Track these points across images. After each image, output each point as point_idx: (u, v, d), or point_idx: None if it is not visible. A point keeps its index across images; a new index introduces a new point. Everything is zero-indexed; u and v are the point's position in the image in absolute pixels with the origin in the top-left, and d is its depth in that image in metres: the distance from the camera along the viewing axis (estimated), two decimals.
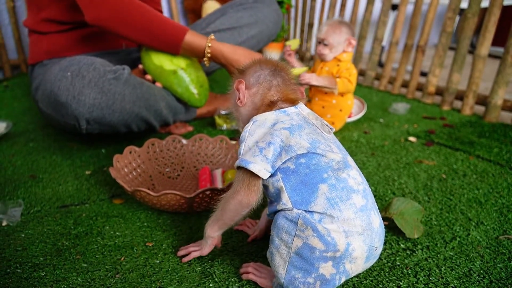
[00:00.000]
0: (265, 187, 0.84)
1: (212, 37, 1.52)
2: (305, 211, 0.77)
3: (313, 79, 1.64)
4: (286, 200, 0.79)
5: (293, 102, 0.89)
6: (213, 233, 0.94)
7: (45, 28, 1.66)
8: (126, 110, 1.43)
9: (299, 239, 0.77)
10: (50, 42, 1.67)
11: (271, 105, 0.89)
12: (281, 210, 0.80)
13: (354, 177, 0.82)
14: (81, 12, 1.53)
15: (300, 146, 0.80)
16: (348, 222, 0.77)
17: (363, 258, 0.79)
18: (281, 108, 0.88)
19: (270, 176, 0.81)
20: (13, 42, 3.03)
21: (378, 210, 0.84)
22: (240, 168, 0.83)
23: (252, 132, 0.84)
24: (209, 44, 1.48)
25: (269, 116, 0.86)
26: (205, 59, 1.54)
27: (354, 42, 1.71)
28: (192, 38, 1.51)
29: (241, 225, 1.14)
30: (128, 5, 1.45)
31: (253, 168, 0.79)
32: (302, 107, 0.90)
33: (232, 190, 0.85)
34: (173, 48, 1.53)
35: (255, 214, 0.98)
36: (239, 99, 0.91)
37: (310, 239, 0.76)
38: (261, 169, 0.79)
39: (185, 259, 0.98)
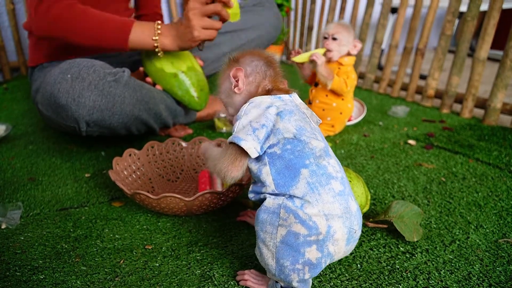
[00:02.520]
0: (248, 168, 0.88)
1: (158, 27, 1.45)
2: (288, 196, 0.81)
3: (321, 61, 1.66)
4: (270, 182, 0.83)
5: (286, 92, 0.93)
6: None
7: None
8: (126, 113, 1.43)
9: (283, 227, 0.79)
10: (50, 44, 1.67)
11: (265, 94, 0.92)
12: (263, 197, 0.85)
13: (333, 165, 0.86)
14: None
15: (287, 131, 0.85)
16: (328, 205, 0.80)
17: (344, 240, 0.82)
18: (276, 95, 0.91)
19: (257, 159, 0.86)
20: (13, 44, 3.03)
21: (355, 198, 0.88)
22: (231, 143, 0.87)
23: (248, 112, 0.88)
24: (156, 44, 1.43)
25: (264, 99, 0.89)
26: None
27: (359, 45, 1.72)
28: (138, 37, 1.45)
29: (243, 215, 1.18)
30: (68, 13, 1.42)
31: (243, 145, 0.83)
32: (295, 96, 0.94)
33: (218, 157, 0.90)
34: (122, 49, 1.49)
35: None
36: (236, 86, 0.94)
37: (293, 225, 0.78)
38: (251, 147, 0.83)
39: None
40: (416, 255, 1.02)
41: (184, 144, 1.48)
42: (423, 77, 2.87)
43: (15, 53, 3.03)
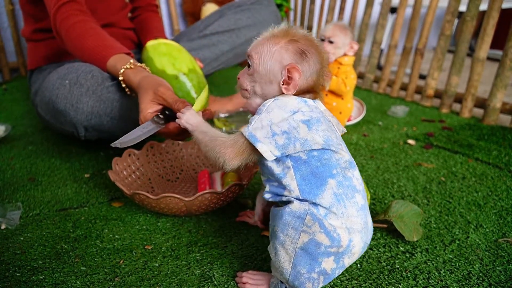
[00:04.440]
0: (269, 167, 0.83)
1: (129, 66, 1.31)
2: (313, 203, 0.79)
3: None
4: (294, 187, 0.80)
5: (315, 96, 0.88)
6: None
7: (42, 36, 1.67)
8: (124, 117, 1.43)
9: (306, 234, 0.78)
10: (48, 47, 1.67)
11: (299, 92, 0.86)
12: (287, 200, 0.81)
13: (357, 177, 0.85)
14: None
15: (315, 142, 0.80)
16: (351, 219, 0.80)
17: (358, 253, 0.84)
18: (303, 97, 0.86)
19: (277, 160, 0.82)
20: (12, 45, 3.03)
21: None
22: (243, 135, 0.82)
23: (270, 110, 0.82)
24: (121, 78, 1.32)
25: (291, 101, 0.83)
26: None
27: (356, 47, 1.72)
28: (112, 68, 1.36)
29: (242, 216, 1.18)
30: (67, 32, 1.42)
31: (259, 147, 0.79)
32: (319, 103, 0.88)
33: (222, 142, 0.86)
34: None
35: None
36: (286, 83, 0.84)
37: (317, 234, 0.78)
38: (267, 150, 0.79)
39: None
40: (416, 255, 1.02)
41: (183, 144, 1.48)
42: (422, 77, 2.87)
43: (15, 54, 3.03)
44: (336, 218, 0.79)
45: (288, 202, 0.81)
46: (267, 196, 0.86)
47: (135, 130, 1.12)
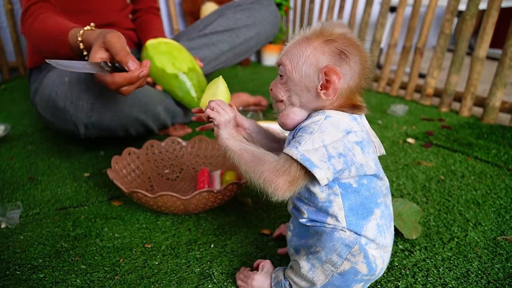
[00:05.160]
0: (311, 191, 0.76)
1: (89, 28, 1.28)
2: (358, 234, 0.75)
3: None
4: (341, 218, 0.75)
5: (361, 109, 0.79)
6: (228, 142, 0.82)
7: None
8: (124, 114, 1.43)
9: (349, 262, 0.75)
10: None
11: (342, 106, 0.77)
12: (332, 227, 0.76)
13: (391, 204, 0.84)
14: (77, 18, 1.53)
15: (369, 167, 0.75)
16: (387, 249, 0.80)
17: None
18: (352, 113, 0.77)
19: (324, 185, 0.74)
20: (11, 45, 3.03)
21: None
22: (294, 160, 0.71)
23: (324, 129, 0.72)
24: (79, 39, 1.28)
25: (343, 119, 0.74)
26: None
27: None
28: (73, 37, 1.33)
29: (281, 229, 1.10)
30: (29, 30, 1.44)
31: (317, 173, 0.70)
32: (364, 120, 0.81)
33: (273, 166, 0.73)
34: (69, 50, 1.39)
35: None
36: (325, 88, 0.75)
37: (359, 264, 0.76)
38: (325, 177, 0.71)
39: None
40: (415, 253, 1.03)
41: (183, 143, 1.48)
42: (422, 76, 2.88)
43: (14, 54, 3.04)
44: (376, 248, 0.78)
45: (320, 224, 0.77)
46: (303, 220, 0.80)
47: (78, 62, 1.09)
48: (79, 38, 1.26)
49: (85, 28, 1.26)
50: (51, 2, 1.48)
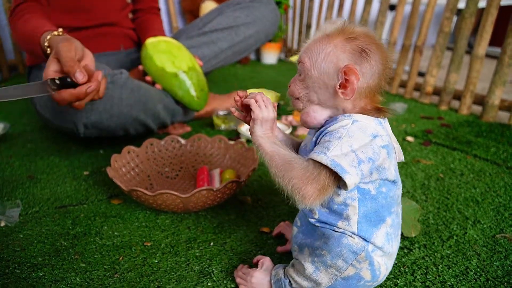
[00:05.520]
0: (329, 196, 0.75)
1: (57, 33, 1.28)
2: (367, 240, 0.75)
3: None
4: (353, 223, 0.75)
5: (382, 113, 0.77)
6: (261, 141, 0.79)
7: None
8: (124, 114, 1.44)
9: (353, 268, 0.75)
10: None
11: (366, 109, 0.76)
12: (342, 232, 0.75)
13: (401, 212, 0.83)
14: (76, 16, 1.54)
15: (391, 173, 0.75)
16: (391, 256, 0.81)
17: None
18: (377, 117, 0.76)
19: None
20: (10, 43, 3.03)
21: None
22: (324, 166, 0.69)
23: (352, 134, 0.70)
24: (46, 44, 1.27)
25: (370, 123, 0.73)
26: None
27: None
28: (43, 40, 1.31)
29: (281, 227, 1.10)
30: (14, 29, 1.46)
31: (348, 179, 0.67)
32: (387, 124, 0.79)
33: (302, 173, 0.70)
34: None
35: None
36: (344, 87, 0.73)
37: (363, 271, 0.76)
38: (353, 183, 0.68)
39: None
40: (414, 251, 1.03)
41: (183, 141, 1.48)
42: (421, 74, 2.88)
43: (13, 52, 3.04)
44: (382, 255, 0.78)
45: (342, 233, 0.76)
46: (312, 220, 0.80)
47: (22, 86, 1.07)
48: (46, 44, 1.25)
49: (54, 33, 1.25)
50: (39, 2, 1.49)
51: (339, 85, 0.72)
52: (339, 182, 0.70)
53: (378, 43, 0.75)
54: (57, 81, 1.11)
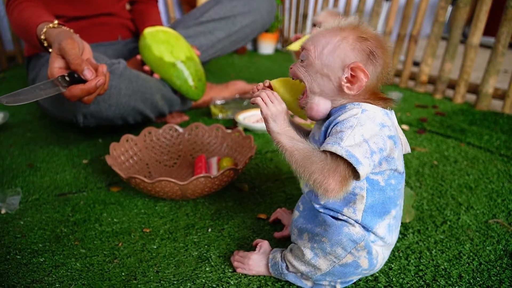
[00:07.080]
0: None
1: (53, 25, 1.28)
2: (368, 230, 0.77)
3: None
4: (358, 212, 0.76)
5: (388, 102, 0.79)
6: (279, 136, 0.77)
7: None
8: (122, 104, 1.45)
9: (352, 256, 0.76)
10: None
11: (369, 98, 0.77)
12: (345, 219, 0.77)
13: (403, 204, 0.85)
14: (74, 6, 1.54)
15: (400, 163, 0.76)
16: (390, 247, 0.83)
17: None
18: (383, 107, 0.77)
19: None
20: (9, 34, 3.02)
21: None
22: (340, 157, 0.69)
23: (363, 123, 0.70)
24: (42, 37, 1.28)
25: (377, 113, 0.74)
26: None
27: None
28: (39, 32, 1.32)
29: (277, 213, 1.11)
30: (11, 18, 1.46)
31: (361, 170, 0.68)
32: (393, 115, 0.80)
33: (321, 166, 0.70)
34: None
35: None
36: (350, 83, 0.74)
37: (361, 259, 0.77)
38: (365, 174, 0.69)
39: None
40: (408, 236, 1.05)
41: (180, 130, 1.49)
42: (416, 63, 2.89)
43: (12, 43, 3.03)
44: (381, 245, 0.80)
45: (345, 221, 0.77)
46: (317, 206, 0.80)
47: (32, 87, 1.09)
48: (42, 37, 1.27)
49: (49, 25, 1.27)
50: None
51: (346, 79, 0.73)
52: (354, 172, 0.70)
53: (385, 47, 0.76)
54: (67, 78, 1.13)
